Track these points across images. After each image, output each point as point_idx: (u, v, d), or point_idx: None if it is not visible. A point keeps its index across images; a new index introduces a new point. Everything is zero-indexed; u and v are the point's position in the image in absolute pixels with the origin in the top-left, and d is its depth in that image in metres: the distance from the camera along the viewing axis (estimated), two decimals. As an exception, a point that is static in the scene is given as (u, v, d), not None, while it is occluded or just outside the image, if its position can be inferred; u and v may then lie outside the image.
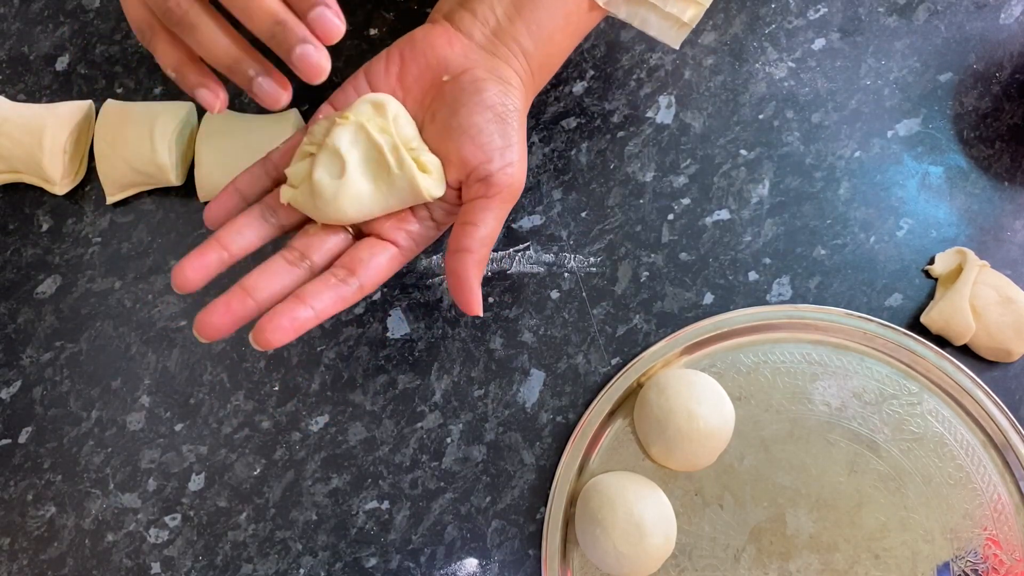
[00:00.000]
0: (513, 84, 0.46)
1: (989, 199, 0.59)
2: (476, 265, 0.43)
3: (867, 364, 0.56)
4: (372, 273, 0.44)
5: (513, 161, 0.44)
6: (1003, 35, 0.61)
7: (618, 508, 0.52)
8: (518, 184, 0.45)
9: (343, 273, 0.44)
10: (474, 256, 0.43)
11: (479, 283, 0.44)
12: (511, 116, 0.45)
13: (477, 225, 0.44)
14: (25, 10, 0.68)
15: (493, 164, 0.44)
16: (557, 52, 0.49)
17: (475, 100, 0.44)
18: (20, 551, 0.57)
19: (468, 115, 0.44)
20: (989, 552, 0.52)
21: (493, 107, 0.44)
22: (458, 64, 0.46)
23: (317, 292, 0.43)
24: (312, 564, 0.56)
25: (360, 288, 0.44)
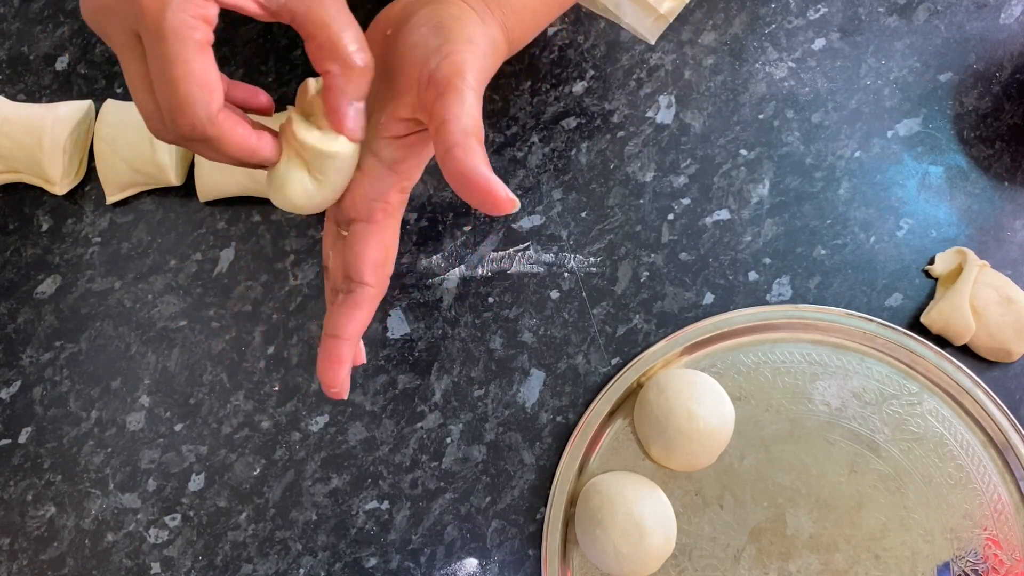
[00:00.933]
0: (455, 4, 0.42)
1: (989, 199, 0.59)
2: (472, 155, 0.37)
3: (867, 364, 0.56)
4: (365, 266, 0.42)
5: (454, 51, 0.39)
6: (1003, 35, 0.61)
7: (618, 508, 0.52)
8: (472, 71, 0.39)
9: (346, 284, 0.43)
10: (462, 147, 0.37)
11: (488, 172, 0.37)
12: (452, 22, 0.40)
13: (449, 120, 0.38)
14: (25, 10, 0.68)
15: (430, 63, 0.39)
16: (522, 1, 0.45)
17: (407, 27, 0.41)
18: (20, 551, 0.57)
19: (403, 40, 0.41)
20: (989, 552, 0.52)
21: (426, 22, 0.40)
22: (398, 15, 0.43)
23: (336, 321, 0.42)
24: (312, 564, 0.56)
25: (365, 286, 0.42)
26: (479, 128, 0.38)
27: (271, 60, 0.66)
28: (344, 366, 0.42)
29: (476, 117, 0.38)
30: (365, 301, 0.42)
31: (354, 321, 0.42)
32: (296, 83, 0.65)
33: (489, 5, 0.43)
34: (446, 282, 0.60)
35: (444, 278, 0.60)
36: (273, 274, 0.61)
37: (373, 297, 0.43)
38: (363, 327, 0.43)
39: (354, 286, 0.42)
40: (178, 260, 0.62)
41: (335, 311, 0.42)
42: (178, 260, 0.62)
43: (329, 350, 0.42)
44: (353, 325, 0.42)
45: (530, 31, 0.47)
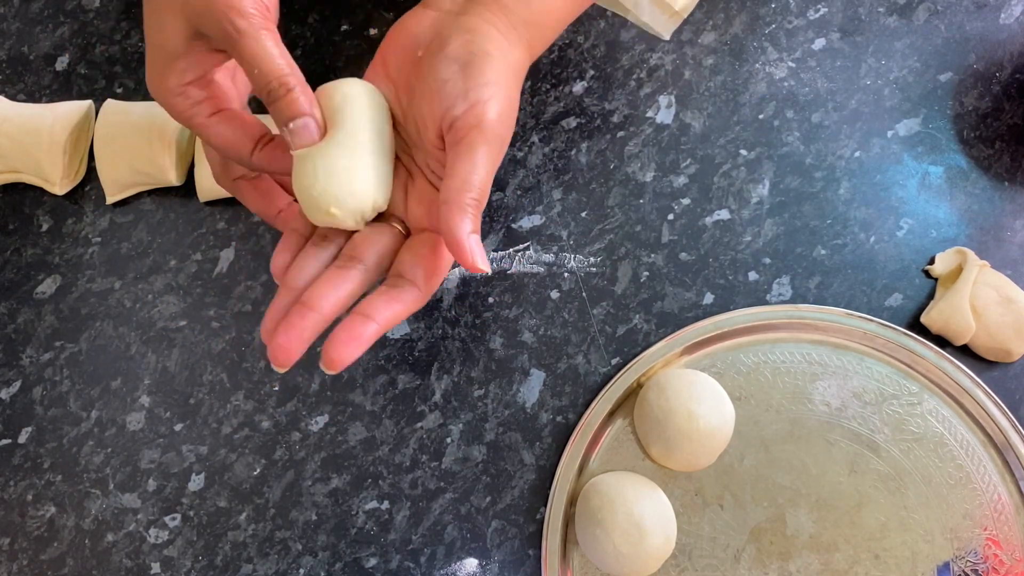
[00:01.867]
0: (482, 32, 0.43)
1: (989, 199, 0.59)
2: (458, 214, 0.39)
3: (867, 364, 0.56)
4: (422, 271, 0.42)
5: (480, 100, 0.41)
6: (1003, 35, 0.61)
7: (618, 508, 0.52)
8: (491, 124, 0.41)
9: (393, 279, 0.42)
10: (451, 205, 0.39)
11: (467, 234, 0.39)
12: (479, 60, 0.42)
13: (451, 175, 0.40)
14: (25, 10, 0.68)
15: (456, 108, 0.41)
16: (546, 9, 0.46)
17: (438, 57, 0.42)
18: (20, 551, 0.57)
19: (433, 72, 0.42)
20: (989, 552, 0.52)
21: (457, 58, 0.42)
22: (427, 36, 0.44)
23: (375, 304, 0.41)
24: (312, 564, 0.56)
25: (413, 286, 0.42)
26: (481, 184, 0.40)
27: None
28: (360, 349, 0.40)
29: (481, 174, 0.40)
30: (410, 300, 0.42)
31: (393, 311, 0.41)
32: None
33: (516, 26, 0.45)
34: (446, 282, 0.60)
35: (444, 278, 0.60)
36: (273, 274, 0.61)
37: (417, 300, 0.42)
38: (395, 322, 0.41)
39: (404, 283, 0.42)
40: (178, 260, 0.62)
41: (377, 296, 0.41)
42: (178, 260, 0.62)
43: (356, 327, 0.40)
44: (391, 314, 0.41)
45: (550, 40, 0.49)
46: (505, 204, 0.61)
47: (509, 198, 0.61)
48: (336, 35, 0.66)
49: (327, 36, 0.66)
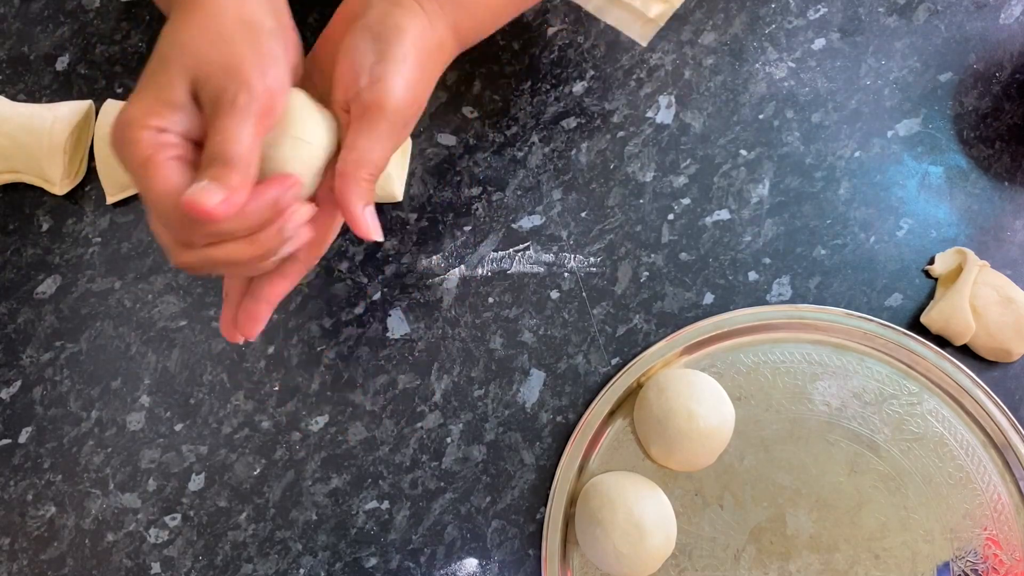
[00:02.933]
0: (405, 6, 0.43)
1: (989, 199, 0.59)
2: (354, 188, 0.41)
3: (867, 364, 0.56)
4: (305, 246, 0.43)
5: (383, 77, 0.41)
6: (1003, 35, 0.61)
7: (618, 508, 0.52)
8: (393, 103, 0.41)
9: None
10: (347, 179, 0.41)
11: (363, 205, 0.42)
12: (392, 34, 0.42)
13: (350, 148, 0.41)
14: (25, 10, 0.68)
15: (360, 81, 0.41)
16: None
17: (356, 25, 0.43)
18: (20, 551, 0.57)
19: (348, 39, 0.42)
20: (989, 552, 0.52)
21: (370, 27, 0.42)
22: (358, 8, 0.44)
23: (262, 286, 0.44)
24: (312, 564, 0.56)
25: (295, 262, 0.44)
26: (378, 160, 0.42)
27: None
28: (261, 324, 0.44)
29: (379, 151, 0.42)
30: (292, 274, 0.44)
31: (278, 288, 0.44)
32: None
33: (443, 6, 0.45)
34: (446, 282, 0.60)
35: (444, 278, 0.60)
36: (273, 274, 0.61)
37: (299, 272, 0.44)
38: (283, 295, 0.44)
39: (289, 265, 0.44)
40: (178, 260, 0.62)
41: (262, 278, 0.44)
42: (178, 260, 0.62)
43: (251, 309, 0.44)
44: (276, 291, 0.44)
45: (486, 29, 0.49)
46: (505, 204, 0.61)
47: (509, 198, 0.61)
48: (336, 35, 0.66)
49: (327, 36, 0.66)
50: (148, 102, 0.40)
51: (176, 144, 0.40)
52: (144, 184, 0.39)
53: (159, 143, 0.39)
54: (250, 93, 0.39)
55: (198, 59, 0.39)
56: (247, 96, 0.39)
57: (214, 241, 0.40)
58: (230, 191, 0.37)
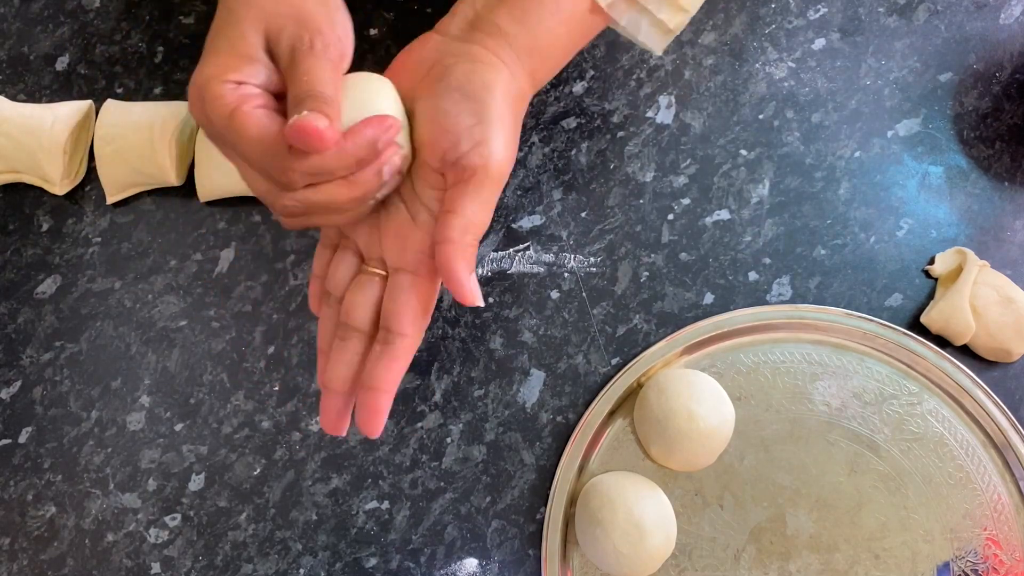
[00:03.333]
0: (486, 62, 0.43)
1: (989, 199, 0.59)
2: (460, 254, 0.40)
3: (867, 364, 0.56)
4: (404, 318, 0.42)
5: (485, 140, 0.41)
6: (1003, 35, 0.61)
7: (618, 508, 0.52)
8: (496, 165, 0.41)
9: (383, 335, 0.43)
10: (455, 245, 0.40)
11: (469, 272, 0.41)
12: (483, 94, 0.42)
13: (455, 213, 0.40)
14: (25, 10, 0.68)
15: (462, 145, 0.41)
16: (549, 37, 0.46)
17: (442, 85, 0.42)
18: (20, 551, 0.57)
19: (436, 100, 0.42)
20: (989, 552, 0.52)
21: (460, 87, 0.42)
22: (430, 58, 0.43)
23: (372, 373, 0.42)
24: (312, 564, 0.56)
25: (403, 337, 0.42)
26: (483, 224, 0.41)
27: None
28: (384, 417, 0.42)
29: (485, 213, 0.41)
30: (405, 353, 0.42)
31: (393, 372, 0.42)
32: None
33: (519, 55, 0.45)
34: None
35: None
36: (273, 274, 0.61)
37: (411, 348, 0.43)
38: (400, 377, 0.43)
39: (394, 337, 0.42)
40: (178, 260, 0.62)
41: (374, 362, 0.42)
42: (178, 260, 0.62)
43: (370, 403, 0.42)
44: (392, 377, 0.42)
45: (556, 69, 0.49)
46: (505, 204, 0.61)
47: (509, 198, 0.61)
48: (336, 35, 0.66)
49: (327, 36, 0.66)
50: (223, 58, 0.40)
51: (259, 95, 0.40)
52: (235, 135, 0.39)
53: (242, 95, 0.39)
54: (324, 39, 0.39)
55: (268, 12, 0.40)
56: (322, 42, 0.39)
57: (313, 183, 0.40)
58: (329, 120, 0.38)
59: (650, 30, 0.50)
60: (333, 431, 0.43)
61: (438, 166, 0.42)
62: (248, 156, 0.40)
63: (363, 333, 0.43)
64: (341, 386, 0.43)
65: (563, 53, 0.49)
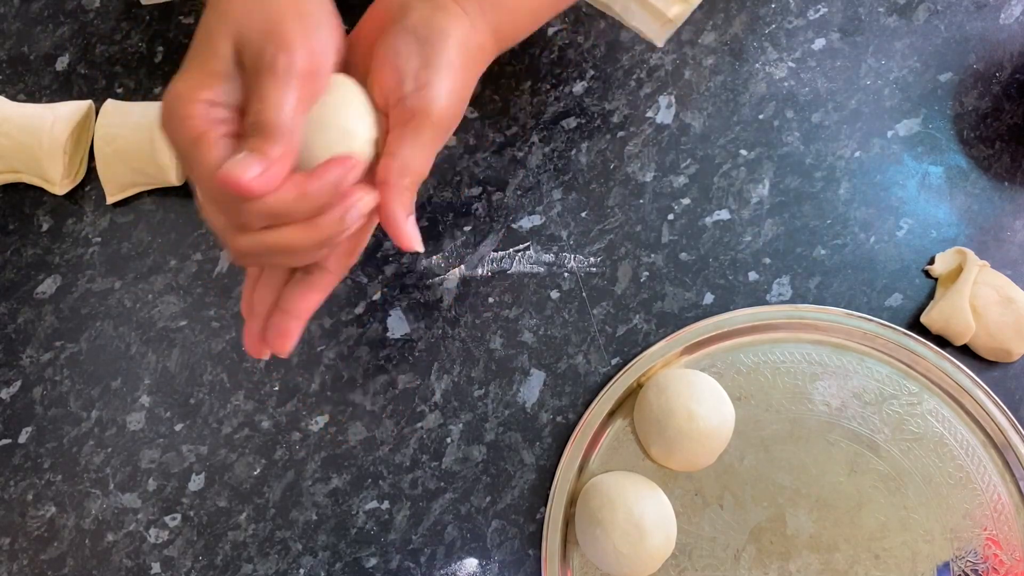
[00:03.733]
0: (447, 10, 0.42)
1: (989, 199, 0.59)
2: (397, 197, 0.40)
3: (867, 364, 0.56)
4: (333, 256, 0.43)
5: (429, 82, 0.40)
6: (1003, 35, 0.61)
7: (618, 508, 0.52)
8: (438, 111, 0.41)
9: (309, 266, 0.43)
10: (392, 188, 0.40)
11: (406, 216, 0.40)
12: (437, 38, 0.41)
13: (393, 155, 0.40)
14: (25, 10, 0.68)
15: (405, 86, 0.40)
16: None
17: (397, 26, 0.41)
18: (20, 551, 0.57)
19: (390, 40, 0.41)
20: (989, 552, 0.52)
21: (414, 30, 0.41)
22: (395, 5, 0.42)
23: (288, 297, 0.43)
24: (312, 564, 0.56)
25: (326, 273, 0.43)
26: (421, 168, 0.41)
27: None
28: (293, 340, 0.43)
29: (423, 158, 0.41)
30: (324, 286, 0.43)
31: (309, 301, 0.43)
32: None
33: (484, 9, 0.44)
34: (446, 282, 0.60)
35: (444, 278, 0.60)
36: (273, 274, 0.61)
37: (331, 284, 0.43)
38: (316, 307, 0.43)
39: (316, 269, 0.42)
40: (178, 260, 0.62)
41: (292, 289, 0.42)
42: (178, 260, 0.62)
43: (281, 325, 0.42)
44: (306, 305, 0.43)
45: (524, 30, 0.48)
46: (505, 204, 0.61)
47: (509, 198, 0.61)
48: (336, 35, 0.66)
49: (327, 36, 0.66)
50: (195, 74, 0.39)
51: (228, 119, 0.38)
52: (195, 163, 0.38)
53: (211, 119, 0.38)
54: (290, 56, 0.37)
55: (239, 23, 0.38)
56: (287, 59, 0.37)
57: (270, 224, 0.38)
58: (268, 163, 0.36)
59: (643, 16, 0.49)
60: (256, 354, 0.44)
61: (382, 105, 0.41)
62: (205, 187, 0.38)
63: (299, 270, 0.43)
64: (263, 309, 0.43)
65: (530, 15, 0.47)
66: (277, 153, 0.36)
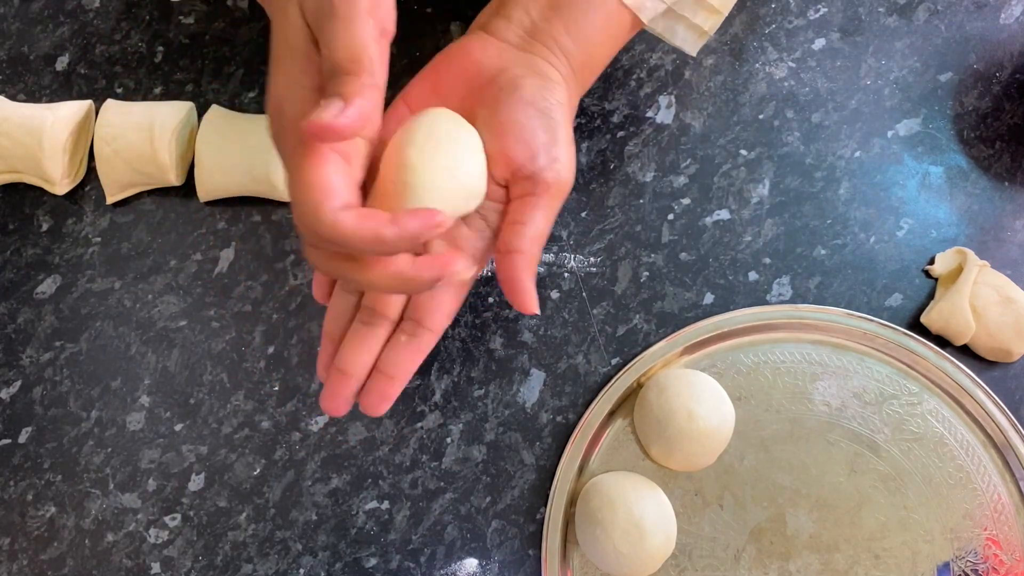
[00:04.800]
0: (553, 79, 0.44)
1: (989, 199, 0.59)
2: (528, 266, 0.41)
3: (867, 364, 0.56)
4: (438, 316, 0.43)
5: (559, 157, 0.42)
6: (1003, 35, 0.61)
7: (618, 508, 0.52)
8: (566, 181, 0.43)
9: (411, 326, 0.43)
10: (525, 256, 0.41)
11: (533, 282, 0.42)
12: (554, 111, 0.43)
13: (525, 224, 0.41)
14: (25, 10, 0.68)
15: (538, 161, 0.42)
16: (598, 53, 0.47)
17: (514, 97, 0.42)
18: (20, 551, 0.57)
19: (509, 112, 0.42)
20: (989, 552, 0.52)
21: (534, 103, 0.43)
22: (493, 65, 0.44)
23: (394, 361, 0.43)
24: (312, 564, 0.56)
25: (432, 333, 0.43)
26: (546, 237, 0.43)
27: (271, 60, 0.66)
28: (390, 403, 0.43)
29: (549, 227, 0.42)
30: (428, 347, 0.44)
31: (413, 364, 0.43)
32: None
33: (575, 71, 0.46)
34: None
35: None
36: (273, 274, 0.61)
37: (432, 343, 0.44)
38: (416, 369, 0.44)
39: (423, 332, 0.43)
40: (178, 260, 0.62)
41: (397, 351, 0.43)
42: (178, 260, 0.62)
43: (384, 388, 0.43)
44: (411, 368, 0.43)
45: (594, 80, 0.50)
46: (505, 204, 0.61)
47: (509, 198, 0.61)
48: (336, 35, 0.66)
49: (327, 36, 0.66)
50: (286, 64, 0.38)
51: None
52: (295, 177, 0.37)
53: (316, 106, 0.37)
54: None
55: None
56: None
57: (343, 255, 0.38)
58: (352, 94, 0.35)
59: (686, 34, 0.50)
60: (335, 412, 0.44)
61: (506, 178, 0.43)
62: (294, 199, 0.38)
63: (391, 322, 0.44)
64: (361, 371, 0.43)
65: (603, 66, 0.49)
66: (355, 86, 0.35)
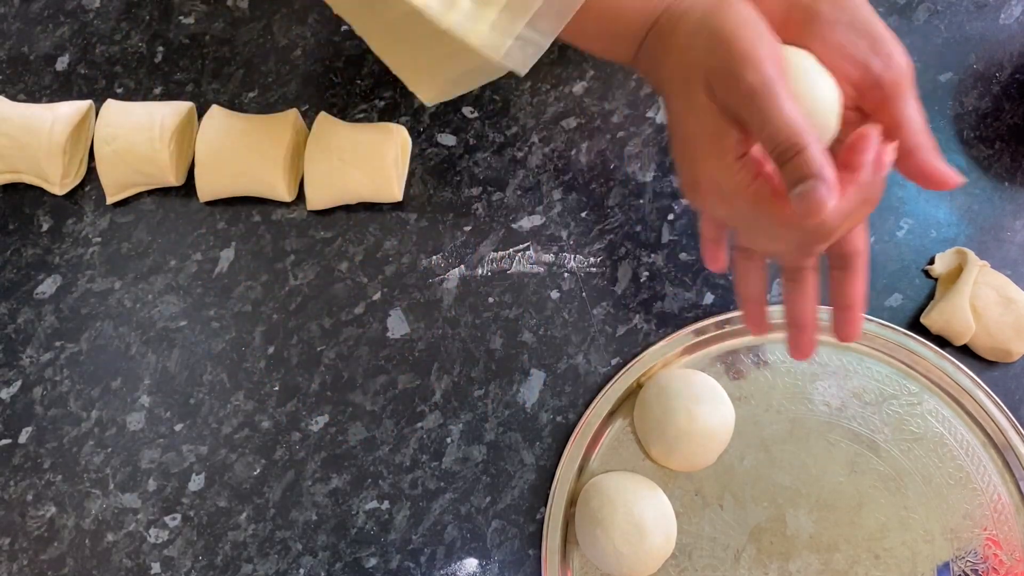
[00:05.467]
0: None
1: (989, 199, 0.59)
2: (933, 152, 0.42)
3: (867, 364, 0.56)
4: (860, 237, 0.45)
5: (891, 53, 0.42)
6: (1003, 35, 0.61)
7: (618, 508, 0.52)
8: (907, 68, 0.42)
9: (838, 260, 0.46)
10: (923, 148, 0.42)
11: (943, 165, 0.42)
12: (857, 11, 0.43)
13: (903, 125, 0.42)
14: (25, 10, 0.68)
15: (873, 65, 0.42)
16: None
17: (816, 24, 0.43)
18: (20, 551, 0.57)
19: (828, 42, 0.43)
20: (989, 552, 0.52)
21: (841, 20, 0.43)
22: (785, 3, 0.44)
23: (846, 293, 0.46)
24: (312, 564, 0.56)
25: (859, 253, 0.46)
26: (924, 119, 0.42)
27: (271, 60, 0.66)
28: (860, 328, 0.47)
29: (920, 110, 0.42)
30: (864, 268, 0.46)
31: (862, 288, 0.46)
32: (296, 84, 0.65)
33: None
34: (446, 282, 0.60)
35: (444, 278, 0.60)
36: (273, 274, 0.61)
37: (867, 263, 0.46)
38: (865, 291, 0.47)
39: (852, 258, 0.46)
40: (178, 260, 0.62)
41: (843, 285, 0.46)
42: (178, 260, 0.62)
43: (851, 319, 0.46)
44: (862, 292, 0.46)
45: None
46: (505, 204, 0.61)
47: (509, 198, 0.61)
48: (336, 35, 0.66)
49: (327, 36, 0.66)
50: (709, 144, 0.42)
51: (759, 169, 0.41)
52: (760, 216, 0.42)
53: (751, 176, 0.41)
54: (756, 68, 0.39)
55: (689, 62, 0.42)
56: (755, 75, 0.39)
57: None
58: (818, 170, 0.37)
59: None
60: (806, 357, 0.48)
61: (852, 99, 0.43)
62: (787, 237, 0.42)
63: (812, 269, 0.46)
64: (812, 319, 0.47)
65: None
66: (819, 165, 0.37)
